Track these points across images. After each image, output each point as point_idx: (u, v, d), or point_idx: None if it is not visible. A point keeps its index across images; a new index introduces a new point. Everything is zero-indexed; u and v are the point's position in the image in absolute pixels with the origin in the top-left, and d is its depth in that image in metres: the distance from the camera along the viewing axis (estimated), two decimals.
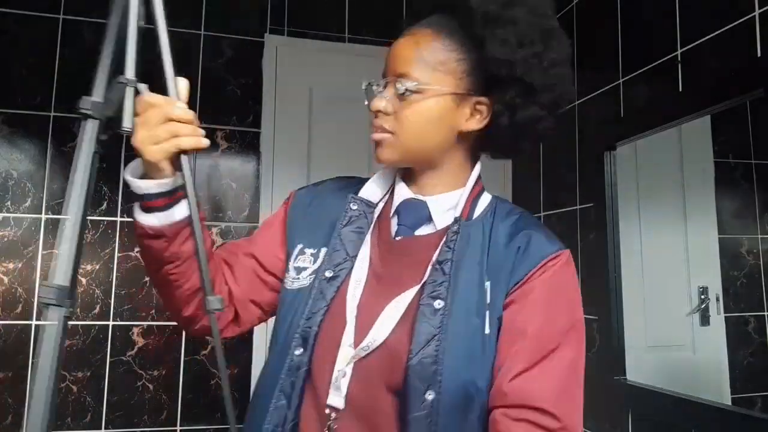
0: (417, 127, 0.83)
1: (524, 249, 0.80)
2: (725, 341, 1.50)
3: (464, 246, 0.80)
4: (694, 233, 1.65)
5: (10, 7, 2.16)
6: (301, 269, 0.87)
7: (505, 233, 0.83)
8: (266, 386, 0.83)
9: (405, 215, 0.88)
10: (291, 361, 0.80)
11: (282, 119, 2.37)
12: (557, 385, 0.75)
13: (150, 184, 0.82)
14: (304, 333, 0.80)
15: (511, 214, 0.87)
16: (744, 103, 1.40)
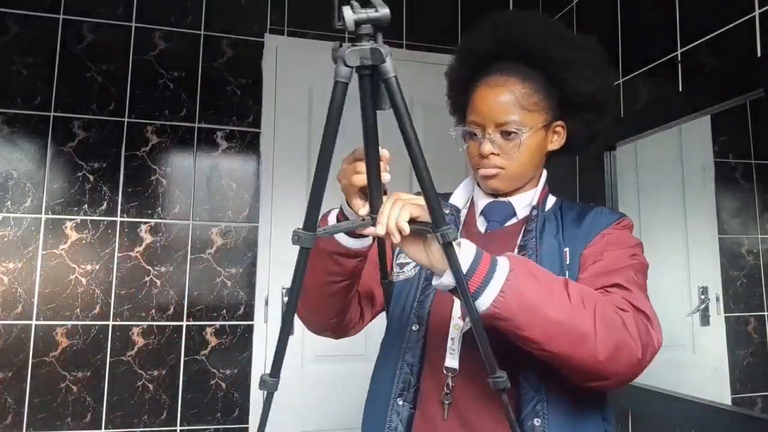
0: (522, 161, 1.00)
1: (593, 221, 0.98)
2: (725, 341, 1.50)
3: (542, 226, 0.99)
4: (694, 233, 1.65)
5: (10, 7, 2.16)
6: (404, 264, 1.03)
7: (574, 215, 1.01)
8: (389, 362, 0.99)
9: (493, 214, 1.04)
10: (410, 336, 0.97)
11: (282, 119, 2.37)
12: (635, 293, 0.88)
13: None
14: (418, 312, 0.98)
15: (573, 206, 1.05)
16: (744, 103, 1.40)
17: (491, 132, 0.98)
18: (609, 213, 1.01)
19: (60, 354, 2.09)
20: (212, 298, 2.25)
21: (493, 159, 0.99)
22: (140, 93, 2.25)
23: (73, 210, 2.16)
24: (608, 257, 0.92)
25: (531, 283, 0.78)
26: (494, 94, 0.98)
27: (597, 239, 0.95)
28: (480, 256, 0.78)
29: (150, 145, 2.25)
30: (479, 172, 1.01)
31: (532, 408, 0.87)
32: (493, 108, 0.98)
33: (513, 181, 1.02)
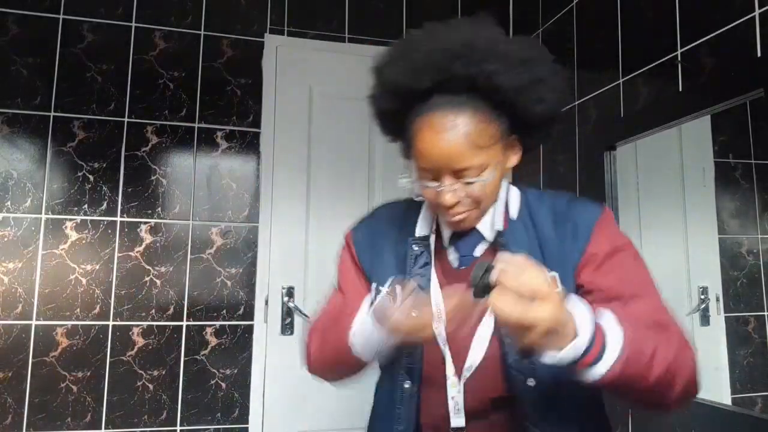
0: (490, 195, 0.92)
1: (573, 233, 0.91)
2: (725, 341, 1.50)
3: (515, 251, 0.88)
4: (694, 233, 1.65)
5: (10, 7, 2.16)
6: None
7: (550, 224, 0.93)
8: (385, 413, 0.96)
9: (462, 245, 0.97)
10: (402, 393, 0.93)
11: (282, 119, 2.37)
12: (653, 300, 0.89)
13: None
14: (408, 369, 0.93)
15: (542, 201, 0.97)
16: (744, 103, 1.40)
17: (449, 182, 0.87)
18: (584, 212, 0.92)
19: (60, 354, 2.09)
20: (212, 298, 2.25)
21: (456, 208, 0.89)
22: (140, 93, 2.25)
23: (73, 210, 2.16)
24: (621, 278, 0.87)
25: (641, 349, 0.76)
26: (444, 140, 0.85)
27: (586, 250, 0.89)
28: (594, 328, 0.72)
29: (150, 145, 2.25)
30: (444, 217, 0.92)
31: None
32: (447, 156, 0.85)
33: (483, 212, 0.94)
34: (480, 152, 0.86)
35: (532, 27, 2.43)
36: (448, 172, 0.87)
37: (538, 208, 0.96)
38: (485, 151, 0.87)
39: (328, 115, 2.40)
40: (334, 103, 2.42)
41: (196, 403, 2.19)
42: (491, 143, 0.87)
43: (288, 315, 2.29)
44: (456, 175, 0.87)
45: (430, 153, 0.87)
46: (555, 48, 2.27)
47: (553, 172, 2.26)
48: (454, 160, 0.86)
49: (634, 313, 0.82)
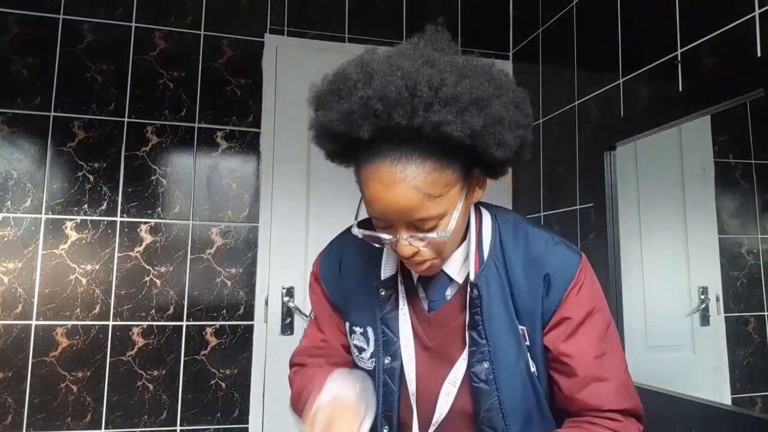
0: (453, 240, 0.86)
1: (546, 288, 0.86)
2: (725, 341, 1.50)
3: (487, 302, 0.85)
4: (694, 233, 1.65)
5: (10, 7, 2.16)
6: (361, 349, 0.95)
7: (521, 271, 0.87)
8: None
9: (430, 289, 0.91)
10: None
11: (282, 119, 2.37)
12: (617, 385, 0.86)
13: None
14: (387, 417, 0.91)
15: (516, 237, 0.89)
16: (744, 103, 1.40)
17: (405, 234, 0.79)
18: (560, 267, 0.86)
19: (60, 354, 2.09)
20: (212, 298, 2.25)
21: (418, 257, 0.82)
22: (140, 93, 2.25)
23: (73, 210, 2.16)
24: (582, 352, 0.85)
25: None
26: (393, 194, 0.75)
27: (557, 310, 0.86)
28: None
29: (150, 145, 2.25)
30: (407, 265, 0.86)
31: None
32: (398, 210, 0.77)
33: (448, 257, 0.88)
34: (435, 201, 0.77)
35: (532, 27, 2.43)
36: (402, 224, 0.79)
37: (513, 248, 0.88)
38: (441, 199, 0.78)
39: None
40: None
41: (196, 403, 2.19)
42: (447, 190, 0.78)
43: (288, 315, 2.29)
44: (412, 227, 0.79)
45: (381, 206, 0.78)
46: (555, 48, 2.27)
47: (553, 172, 2.26)
48: (407, 214, 0.77)
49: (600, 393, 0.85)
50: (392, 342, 0.90)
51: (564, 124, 2.18)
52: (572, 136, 2.11)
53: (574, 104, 2.10)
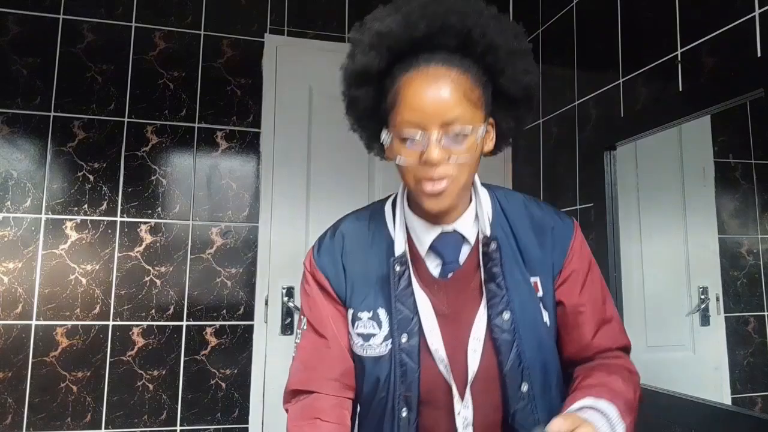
0: (470, 166, 0.86)
1: (553, 243, 0.94)
2: (725, 341, 1.50)
3: (503, 256, 0.90)
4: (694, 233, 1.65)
5: (10, 7, 2.16)
6: (368, 336, 0.92)
7: (528, 231, 0.94)
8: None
9: (445, 251, 0.93)
10: (400, 421, 0.89)
11: (282, 119, 2.37)
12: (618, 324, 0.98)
13: None
14: (407, 398, 0.89)
15: (515, 203, 0.97)
16: (744, 103, 1.40)
17: (437, 134, 0.81)
18: (561, 224, 0.96)
19: (60, 354, 2.09)
20: (212, 298, 2.25)
21: (442, 168, 0.82)
22: (140, 93, 2.25)
23: (73, 210, 2.16)
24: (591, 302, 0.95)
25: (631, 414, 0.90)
26: (436, 88, 0.81)
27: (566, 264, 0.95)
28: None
29: (150, 145, 2.25)
30: (424, 188, 0.84)
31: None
32: (438, 103, 0.80)
33: (461, 194, 0.88)
34: (470, 107, 0.82)
35: (532, 27, 2.43)
36: (437, 123, 0.81)
37: (515, 211, 0.95)
38: (475, 110, 0.83)
39: (328, 115, 2.40)
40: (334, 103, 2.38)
41: (196, 403, 2.19)
42: (479, 106, 0.84)
43: (288, 315, 2.29)
44: (444, 129, 0.81)
45: (420, 101, 0.81)
46: (555, 48, 2.27)
47: (553, 172, 2.26)
48: (445, 109, 0.81)
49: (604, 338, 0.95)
50: (408, 319, 0.89)
51: (564, 124, 2.18)
52: (572, 136, 2.11)
53: (574, 104, 2.10)
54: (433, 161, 0.81)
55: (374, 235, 0.96)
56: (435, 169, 0.82)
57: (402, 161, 0.85)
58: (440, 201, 0.85)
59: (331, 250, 0.98)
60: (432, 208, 0.86)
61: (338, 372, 0.94)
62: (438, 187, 0.83)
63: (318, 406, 0.91)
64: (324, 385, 0.93)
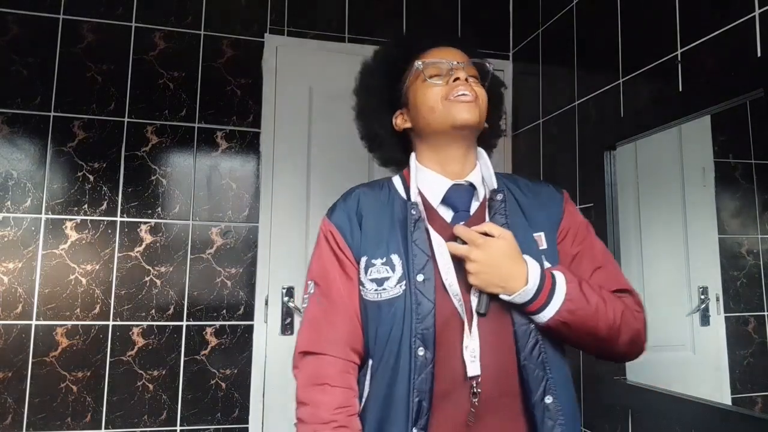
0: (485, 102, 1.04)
1: (548, 202, 1.05)
2: (725, 341, 1.50)
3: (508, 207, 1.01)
4: (694, 233, 1.65)
5: (10, 7, 2.16)
6: (382, 280, 0.96)
7: (527, 194, 1.05)
8: (394, 391, 0.93)
9: (456, 200, 1.03)
10: (416, 362, 0.91)
11: (282, 119, 2.37)
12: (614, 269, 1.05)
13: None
14: (423, 335, 0.92)
15: (509, 178, 1.10)
16: (744, 103, 1.40)
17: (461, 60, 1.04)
18: (553, 188, 1.09)
19: (60, 354, 2.09)
20: (212, 298, 2.25)
21: (469, 85, 1.01)
22: (140, 93, 2.25)
23: (73, 210, 2.16)
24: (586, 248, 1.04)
25: (582, 302, 0.92)
26: (452, 50, 1.06)
27: (562, 220, 1.04)
28: (544, 278, 0.92)
29: (150, 145, 2.25)
30: (457, 98, 1.00)
31: (543, 388, 0.92)
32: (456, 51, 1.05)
33: (481, 118, 1.03)
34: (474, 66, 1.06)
35: (532, 27, 2.43)
36: (458, 59, 1.03)
37: (509, 181, 1.08)
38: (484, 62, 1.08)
39: (328, 115, 2.40)
40: (334, 103, 2.41)
41: (196, 403, 2.19)
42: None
43: (288, 315, 2.29)
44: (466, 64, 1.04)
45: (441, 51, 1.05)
46: (555, 48, 2.27)
47: (553, 172, 2.26)
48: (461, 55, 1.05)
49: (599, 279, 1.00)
50: (423, 260, 0.96)
51: (564, 124, 2.18)
52: (572, 136, 2.11)
53: (574, 104, 2.10)
54: (462, 76, 1.00)
55: (386, 194, 1.06)
56: (464, 85, 1.00)
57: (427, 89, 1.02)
58: (472, 110, 1.00)
59: (344, 208, 1.06)
60: (462, 117, 1.00)
61: (344, 333, 0.98)
62: (470, 96, 1.00)
63: (325, 373, 0.96)
64: (331, 347, 0.97)
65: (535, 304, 0.91)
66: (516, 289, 0.90)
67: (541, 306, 0.91)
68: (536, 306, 0.91)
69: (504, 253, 0.91)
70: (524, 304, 0.92)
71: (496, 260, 0.90)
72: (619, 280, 1.02)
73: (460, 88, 1.00)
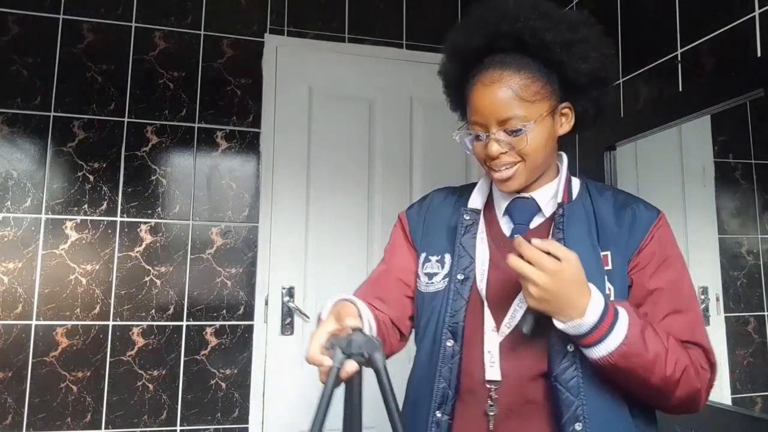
0: (536, 153, 0.96)
1: (632, 222, 0.97)
2: (725, 341, 1.50)
3: (571, 224, 0.96)
4: (694, 233, 1.65)
5: (10, 7, 2.16)
6: (432, 275, 1.03)
7: (609, 209, 0.99)
8: (425, 374, 0.99)
9: (517, 214, 1.02)
10: (445, 351, 0.96)
11: (282, 119, 2.37)
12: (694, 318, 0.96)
13: None
14: (452, 328, 0.97)
15: (603, 190, 1.04)
16: (744, 103, 1.40)
17: (495, 131, 0.95)
18: (645, 208, 1.00)
19: (60, 354, 2.09)
20: (212, 298, 2.25)
21: (503, 158, 0.95)
22: (140, 93, 2.25)
23: (73, 210, 2.16)
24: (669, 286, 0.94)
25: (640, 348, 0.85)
26: (491, 92, 0.94)
27: (644, 246, 0.95)
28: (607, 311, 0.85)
29: (150, 145, 2.25)
30: (494, 175, 0.98)
31: (573, 413, 0.88)
32: (493, 106, 0.94)
33: (530, 175, 0.98)
34: (524, 104, 0.93)
35: None
36: (494, 122, 0.94)
37: (600, 194, 1.02)
38: (530, 105, 0.93)
39: (328, 115, 2.40)
40: (334, 103, 2.42)
41: (196, 403, 2.19)
42: (536, 99, 0.94)
43: (288, 315, 2.29)
44: (501, 126, 0.94)
45: (478, 105, 0.95)
46: None
47: None
48: (498, 110, 0.93)
49: (674, 325, 0.92)
50: (466, 261, 1.00)
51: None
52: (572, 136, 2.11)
53: None
54: (492, 155, 0.95)
55: (460, 197, 1.10)
56: (497, 161, 0.96)
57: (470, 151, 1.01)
58: (509, 184, 0.98)
59: (419, 206, 1.15)
60: (504, 190, 1.00)
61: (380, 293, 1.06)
62: (503, 174, 0.97)
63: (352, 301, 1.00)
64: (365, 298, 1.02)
65: (588, 338, 0.85)
66: (572, 318, 0.84)
67: (594, 342, 0.85)
68: (589, 341, 0.85)
69: (571, 281, 0.84)
70: (577, 336, 0.86)
71: (563, 290, 0.83)
72: (695, 332, 0.94)
73: (494, 173, 0.98)
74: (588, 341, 0.85)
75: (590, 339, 0.84)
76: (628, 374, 0.86)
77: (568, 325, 0.84)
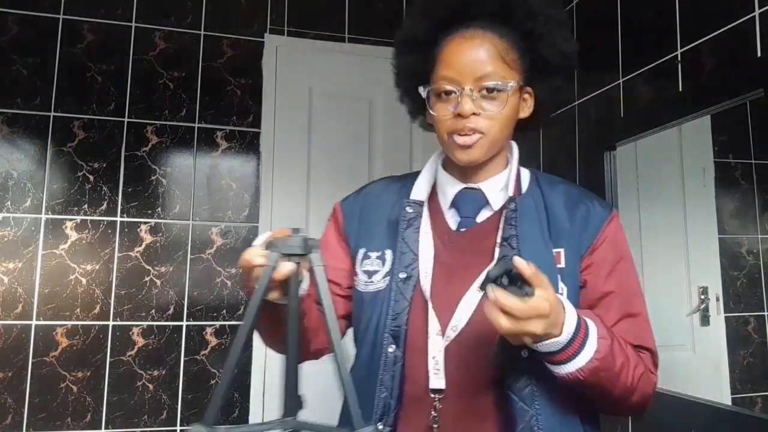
0: (503, 123, 0.89)
1: (585, 219, 0.92)
2: (725, 341, 1.50)
3: (523, 220, 0.89)
4: (694, 233, 1.65)
5: (10, 7, 2.16)
6: (372, 272, 0.95)
7: (561, 204, 0.94)
8: (365, 383, 0.88)
9: (464, 206, 0.95)
10: (386, 357, 0.88)
11: (282, 119, 2.37)
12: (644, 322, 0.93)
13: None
14: (393, 332, 0.88)
15: (554, 184, 0.98)
16: (744, 103, 1.40)
17: (470, 89, 0.86)
18: (598, 205, 0.95)
19: (60, 354, 2.09)
20: (212, 298, 2.25)
21: (473, 120, 0.87)
22: (140, 93, 2.25)
23: (73, 210, 2.16)
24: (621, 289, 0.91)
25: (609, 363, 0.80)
26: (472, 46, 0.87)
27: (598, 245, 0.91)
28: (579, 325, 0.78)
29: (150, 145, 2.25)
30: (455, 140, 0.88)
31: (527, 423, 0.82)
32: (473, 60, 0.87)
33: (491, 148, 0.91)
34: (503, 66, 0.87)
35: None
36: (470, 78, 0.87)
37: (551, 188, 0.97)
38: (509, 69, 0.88)
39: (328, 115, 2.40)
40: (334, 103, 2.42)
41: (196, 403, 2.19)
42: (514, 67, 0.89)
43: None
44: (477, 83, 0.87)
45: (454, 59, 0.88)
46: None
47: (553, 172, 2.26)
48: (478, 65, 0.86)
49: (627, 329, 0.89)
50: (409, 259, 0.92)
51: (564, 124, 2.18)
52: (572, 136, 2.11)
53: (574, 104, 2.10)
54: (465, 113, 0.86)
55: (401, 189, 1.01)
56: (466, 121, 0.87)
57: (434, 118, 0.91)
58: (470, 153, 0.89)
59: (355, 196, 1.05)
60: (462, 159, 0.90)
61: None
62: (468, 140, 0.88)
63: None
64: None
65: (560, 355, 0.77)
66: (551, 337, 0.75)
67: (566, 359, 0.77)
68: (561, 358, 0.77)
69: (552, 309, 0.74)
70: (548, 353, 0.77)
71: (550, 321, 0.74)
72: (645, 336, 0.91)
73: (458, 137, 0.88)
74: (559, 358, 0.77)
75: (562, 356, 0.77)
76: (592, 387, 0.80)
77: (547, 343, 0.76)
